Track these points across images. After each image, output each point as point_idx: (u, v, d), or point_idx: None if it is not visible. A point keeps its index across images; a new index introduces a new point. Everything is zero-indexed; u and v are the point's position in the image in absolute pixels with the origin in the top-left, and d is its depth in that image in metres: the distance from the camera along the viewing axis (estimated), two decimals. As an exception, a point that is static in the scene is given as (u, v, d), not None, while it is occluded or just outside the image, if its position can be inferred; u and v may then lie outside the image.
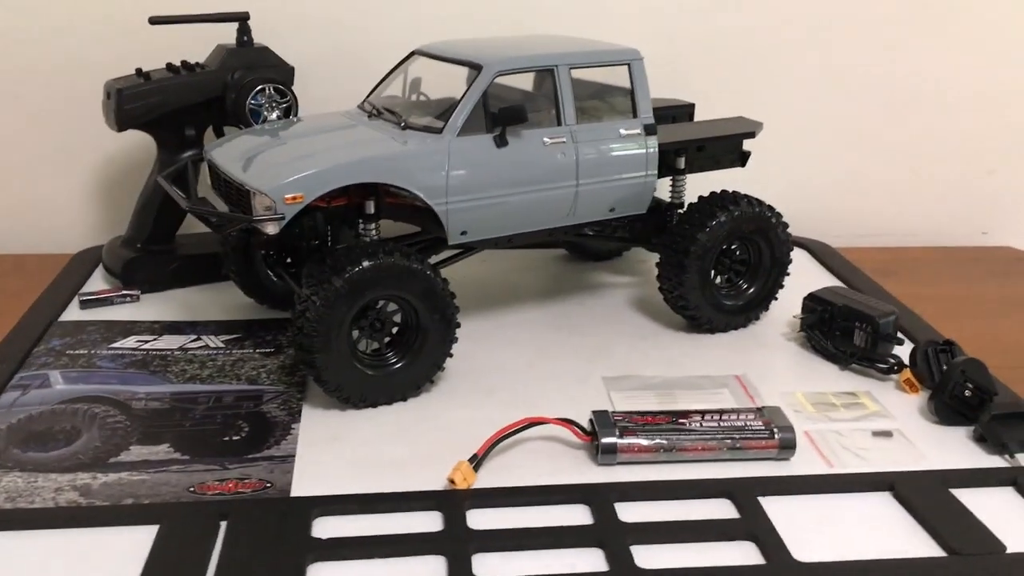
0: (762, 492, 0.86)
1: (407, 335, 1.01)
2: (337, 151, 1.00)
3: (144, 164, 1.46)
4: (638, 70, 1.13)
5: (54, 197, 1.51)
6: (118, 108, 1.21)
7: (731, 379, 1.09)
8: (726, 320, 1.21)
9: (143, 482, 0.85)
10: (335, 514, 0.82)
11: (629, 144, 1.12)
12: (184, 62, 1.27)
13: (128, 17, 1.40)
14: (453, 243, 1.06)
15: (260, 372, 1.07)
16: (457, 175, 1.02)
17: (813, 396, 1.06)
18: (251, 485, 0.85)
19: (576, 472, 0.90)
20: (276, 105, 1.26)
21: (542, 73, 1.21)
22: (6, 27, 1.41)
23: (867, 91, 1.60)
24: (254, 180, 0.96)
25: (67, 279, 1.32)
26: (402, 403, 1.02)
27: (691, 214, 1.17)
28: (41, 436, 0.92)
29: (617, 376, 1.09)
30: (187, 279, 1.31)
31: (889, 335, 1.12)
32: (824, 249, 1.53)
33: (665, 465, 0.91)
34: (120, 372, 1.06)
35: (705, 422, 0.92)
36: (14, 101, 1.45)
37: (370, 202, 1.03)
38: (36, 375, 1.04)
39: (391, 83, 1.19)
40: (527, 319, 1.25)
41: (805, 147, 1.59)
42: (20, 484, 0.84)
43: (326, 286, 0.94)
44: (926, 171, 1.65)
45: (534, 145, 1.06)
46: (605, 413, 0.94)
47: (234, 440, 0.93)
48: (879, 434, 0.98)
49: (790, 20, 1.54)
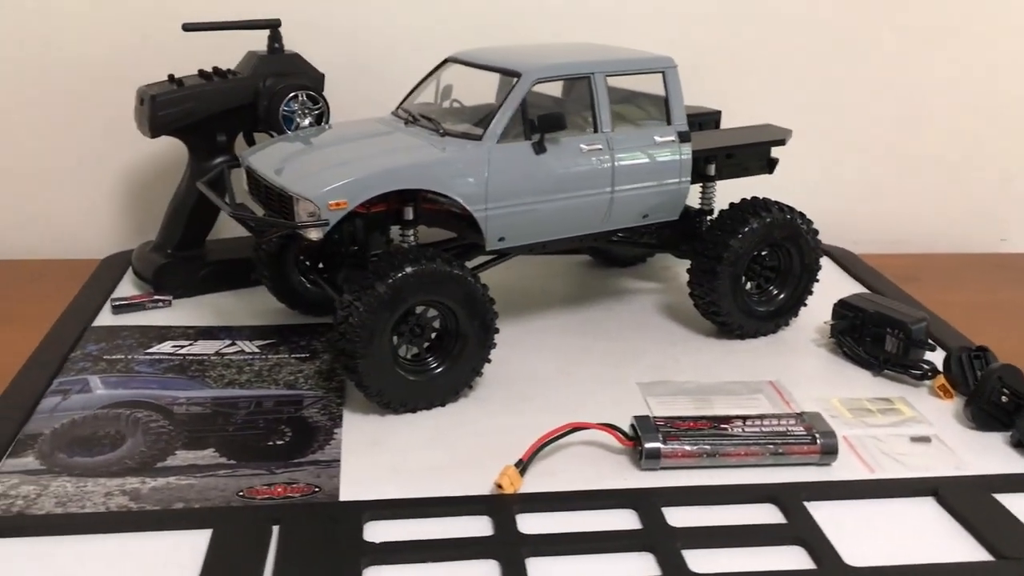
0: (807, 497, 0.86)
1: (447, 340, 1.02)
2: (379, 157, 1.01)
3: (170, 171, 1.47)
4: (672, 77, 1.14)
5: (80, 203, 1.51)
6: (152, 114, 1.21)
7: (765, 384, 1.10)
8: (756, 326, 1.22)
9: (192, 486, 0.86)
10: (386, 518, 0.82)
11: (664, 151, 1.13)
12: (216, 68, 1.28)
13: (155, 24, 1.41)
14: (491, 249, 1.06)
15: (298, 377, 1.07)
16: (497, 181, 1.02)
17: (848, 402, 1.06)
18: (300, 489, 0.85)
19: (619, 477, 0.90)
20: (308, 112, 1.26)
21: (573, 80, 1.23)
22: (34, 34, 1.42)
23: (885, 99, 1.61)
24: (297, 186, 0.97)
25: (97, 284, 1.32)
26: (440, 409, 1.02)
27: (723, 220, 1.18)
28: (86, 441, 0.93)
29: (651, 381, 1.10)
30: (217, 284, 1.31)
31: (921, 341, 1.13)
32: (847, 255, 1.54)
33: (707, 470, 0.92)
34: (159, 377, 1.06)
35: (747, 427, 0.93)
36: (41, 108, 1.45)
37: (409, 208, 1.04)
38: (76, 380, 1.04)
39: (424, 90, 1.20)
40: (555, 325, 1.26)
41: (824, 155, 1.60)
42: (70, 489, 0.85)
43: (370, 291, 0.94)
44: (945, 178, 1.66)
45: (571, 152, 1.07)
46: (647, 418, 0.94)
47: (278, 445, 0.93)
48: (917, 439, 0.99)
49: (810, 29, 1.55)
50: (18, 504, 0.82)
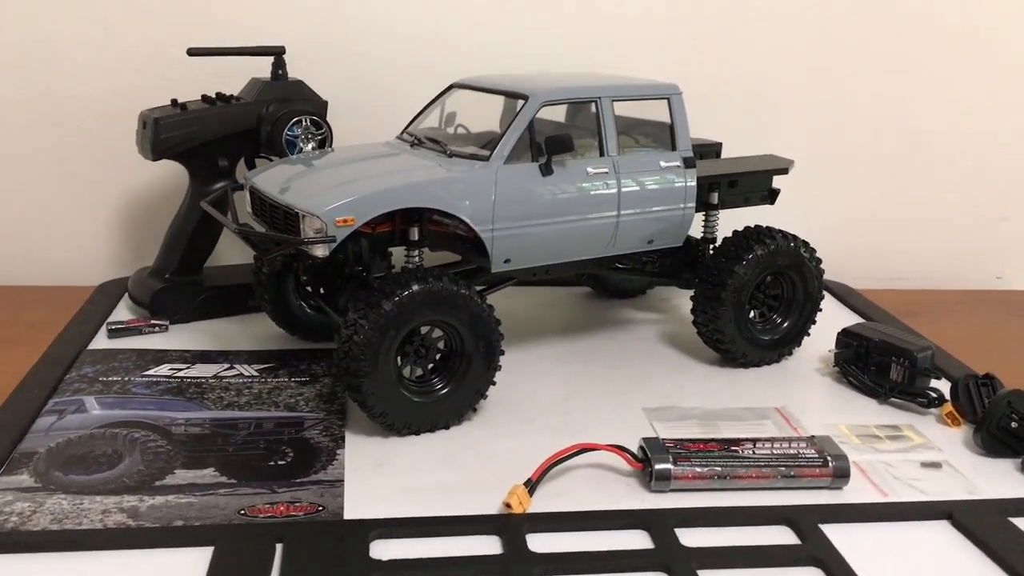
0: (822, 519, 0.85)
1: (451, 361, 1.01)
2: (386, 176, 1.00)
3: (166, 198, 1.46)
4: (677, 104, 1.14)
5: (74, 231, 1.50)
6: (155, 137, 1.21)
7: (772, 411, 1.09)
8: (760, 355, 1.21)
9: (191, 505, 0.83)
10: (393, 537, 0.80)
11: (669, 176, 1.13)
12: (219, 94, 1.28)
13: (157, 52, 1.41)
14: (496, 271, 1.06)
15: (298, 400, 1.05)
16: (503, 202, 1.02)
17: (856, 428, 1.05)
18: (303, 508, 0.83)
19: (629, 498, 0.89)
20: (312, 137, 1.26)
21: (577, 105, 1.23)
22: (34, 62, 1.42)
23: (882, 137, 1.62)
24: (304, 203, 0.96)
25: (93, 309, 1.30)
26: (444, 431, 1.01)
27: (727, 247, 1.18)
28: (82, 459, 0.90)
29: (657, 407, 1.09)
30: (215, 311, 1.30)
31: (927, 369, 1.12)
32: (846, 290, 1.54)
33: (717, 493, 0.90)
34: (156, 399, 1.04)
35: (758, 449, 0.92)
36: (38, 137, 1.45)
37: (415, 228, 1.03)
38: (71, 400, 1.02)
39: (428, 116, 1.20)
40: (558, 352, 1.25)
41: (822, 191, 1.60)
42: (66, 506, 0.82)
43: (375, 309, 0.93)
44: (941, 215, 1.68)
45: (578, 175, 1.07)
46: (656, 440, 0.93)
47: (280, 464, 0.91)
48: (928, 465, 0.98)
49: (806, 65, 1.57)
50: (12, 521, 0.80)
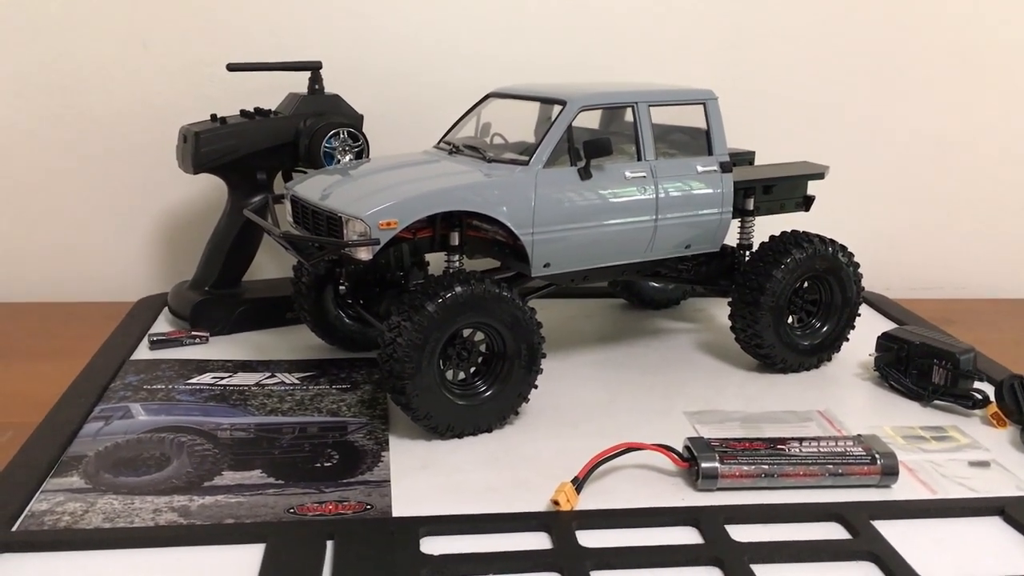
0: (873, 515, 0.84)
1: (493, 364, 1.01)
2: (428, 181, 1.01)
3: (203, 213, 1.48)
4: (713, 109, 1.15)
5: (113, 246, 1.52)
6: (195, 151, 1.23)
7: (814, 414, 1.08)
8: (799, 360, 1.20)
9: (241, 504, 0.84)
10: (442, 534, 0.80)
11: (706, 180, 1.13)
12: (258, 108, 1.30)
13: (188, 68, 1.44)
14: (536, 275, 1.06)
15: (340, 405, 1.06)
16: (543, 206, 1.02)
17: (901, 430, 1.04)
18: (351, 507, 0.83)
19: (675, 497, 0.88)
20: (349, 149, 1.27)
21: (611, 112, 1.24)
22: (73, 79, 1.44)
23: (915, 146, 1.62)
24: (347, 207, 0.97)
25: (133, 322, 1.31)
26: (487, 434, 1.01)
27: (765, 252, 1.17)
28: (131, 462, 0.91)
29: (698, 411, 1.08)
30: (253, 323, 1.31)
31: (969, 371, 1.11)
32: (881, 299, 1.53)
33: (764, 491, 0.89)
34: (200, 405, 1.05)
35: (805, 448, 0.91)
36: (79, 152, 1.47)
37: (455, 233, 1.04)
38: (117, 407, 1.03)
39: (465, 125, 1.21)
40: (597, 360, 1.25)
41: (854, 201, 1.60)
42: (117, 506, 0.83)
43: (420, 311, 0.94)
44: (975, 226, 1.67)
45: (616, 179, 1.07)
46: (702, 439, 0.93)
47: (326, 466, 0.92)
48: (976, 464, 0.97)
49: (841, 74, 1.57)
50: (65, 520, 0.80)
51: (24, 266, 1.51)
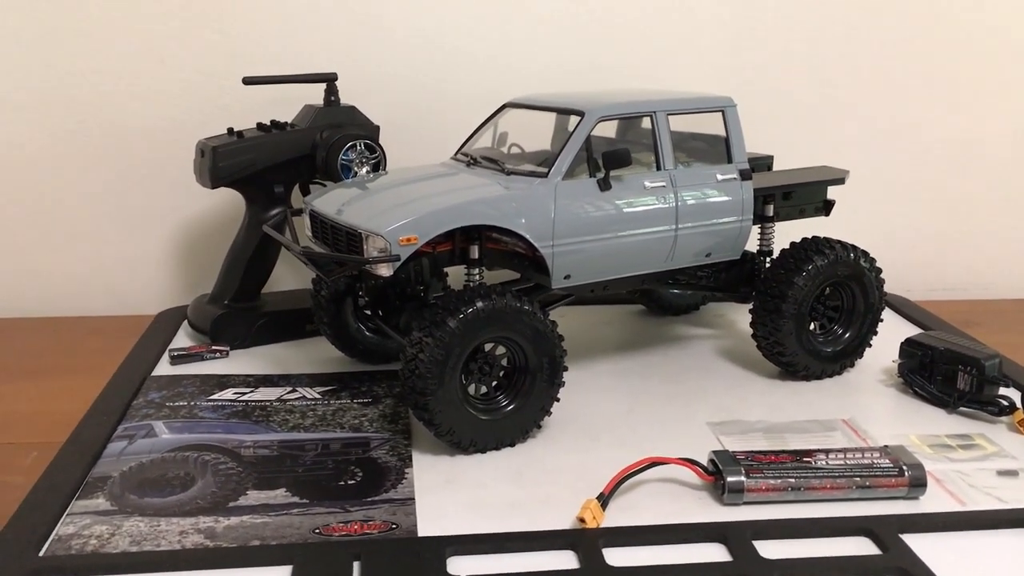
0: (902, 529, 0.83)
1: (515, 378, 1.01)
2: (447, 195, 1.01)
3: (221, 226, 1.48)
4: (732, 116, 1.14)
5: (132, 260, 1.52)
6: (213, 165, 1.23)
7: (839, 423, 1.07)
8: (822, 367, 1.19)
9: (266, 524, 0.84)
10: (468, 553, 0.80)
11: (726, 188, 1.12)
12: (274, 121, 1.30)
13: (205, 82, 1.44)
14: (556, 287, 1.06)
15: (362, 421, 1.06)
16: (563, 218, 1.02)
17: (927, 438, 1.04)
18: (377, 526, 0.83)
19: (702, 511, 0.88)
20: (366, 160, 1.27)
21: (628, 121, 1.24)
22: (89, 94, 1.45)
23: (934, 146, 1.61)
24: (366, 223, 0.97)
25: (154, 337, 1.32)
26: (510, 448, 1.01)
27: (786, 259, 1.17)
28: (156, 483, 0.91)
29: (721, 421, 1.08)
30: (273, 336, 1.31)
31: (995, 377, 1.10)
32: (903, 302, 1.52)
33: (791, 504, 0.89)
34: (223, 422, 1.05)
35: (831, 460, 0.90)
36: (97, 167, 1.48)
37: (475, 247, 1.04)
38: (140, 425, 1.03)
39: (481, 136, 1.21)
40: (616, 369, 1.24)
41: (876, 203, 1.59)
42: (143, 528, 0.83)
43: (441, 327, 0.93)
44: (997, 227, 1.65)
45: (635, 189, 1.07)
46: (727, 452, 0.92)
47: (350, 484, 0.91)
48: (1004, 473, 0.96)
49: (859, 76, 1.56)
50: (92, 544, 0.80)
51: (43, 280, 1.51)
